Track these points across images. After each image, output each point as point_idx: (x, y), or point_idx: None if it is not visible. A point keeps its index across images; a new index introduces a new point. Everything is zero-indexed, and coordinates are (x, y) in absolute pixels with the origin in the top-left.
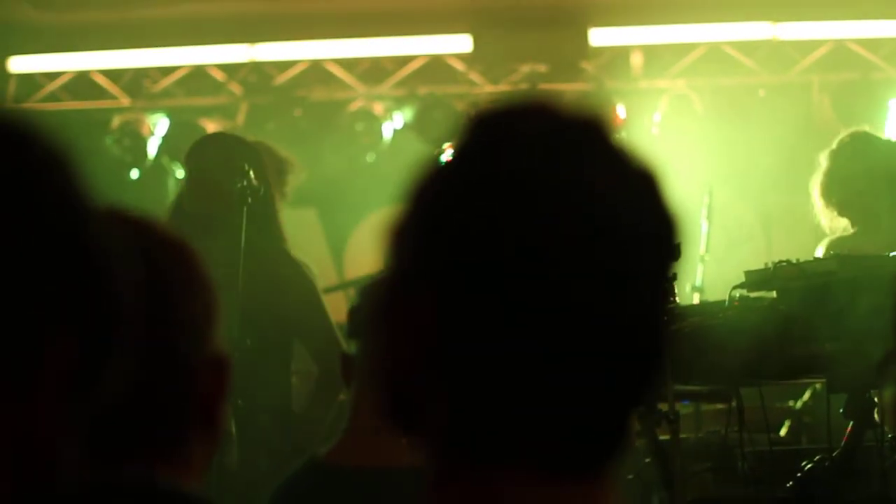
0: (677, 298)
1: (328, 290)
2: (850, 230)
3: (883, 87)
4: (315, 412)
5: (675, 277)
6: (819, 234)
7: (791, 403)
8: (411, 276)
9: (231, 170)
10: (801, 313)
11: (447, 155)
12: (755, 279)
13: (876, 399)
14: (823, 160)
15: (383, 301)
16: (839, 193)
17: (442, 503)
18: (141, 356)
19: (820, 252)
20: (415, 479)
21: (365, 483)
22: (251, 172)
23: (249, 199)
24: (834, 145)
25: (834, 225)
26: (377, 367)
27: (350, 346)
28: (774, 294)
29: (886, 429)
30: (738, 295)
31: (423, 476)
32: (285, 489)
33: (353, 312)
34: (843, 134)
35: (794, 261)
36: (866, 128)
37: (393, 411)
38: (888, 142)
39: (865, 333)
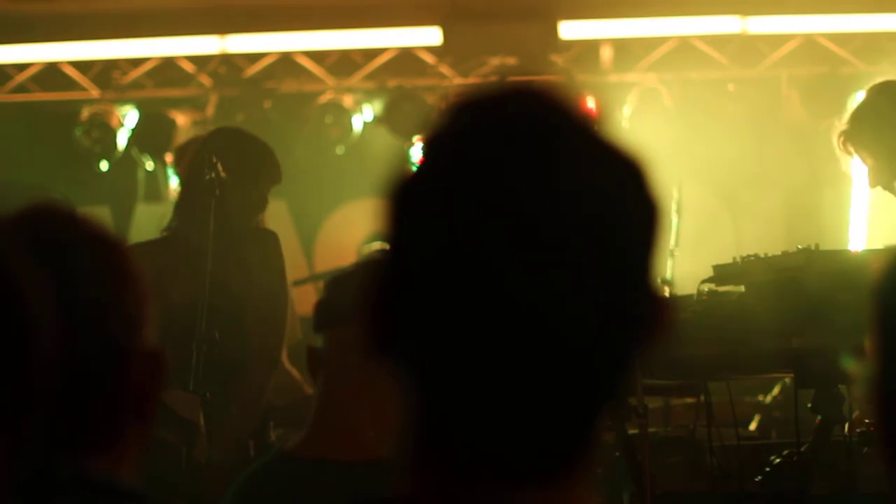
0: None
1: (297, 283)
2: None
3: (852, 81)
4: (245, 389)
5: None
6: (789, 229)
7: (761, 398)
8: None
9: (199, 162)
10: (769, 308)
11: (422, 145)
12: (723, 273)
13: (844, 394)
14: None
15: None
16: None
17: (415, 487)
18: (68, 356)
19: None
20: (381, 473)
21: (331, 476)
22: (219, 164)
23: (217, 192)
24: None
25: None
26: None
27: (317, 340)
28: (743, 288)
29: (854, 423)
30: (706, 289)
31: (395, 461)
32: (250, 480)
33: (320, 305)
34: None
35: (763, 255)
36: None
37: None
38: None
39: (834, 328)
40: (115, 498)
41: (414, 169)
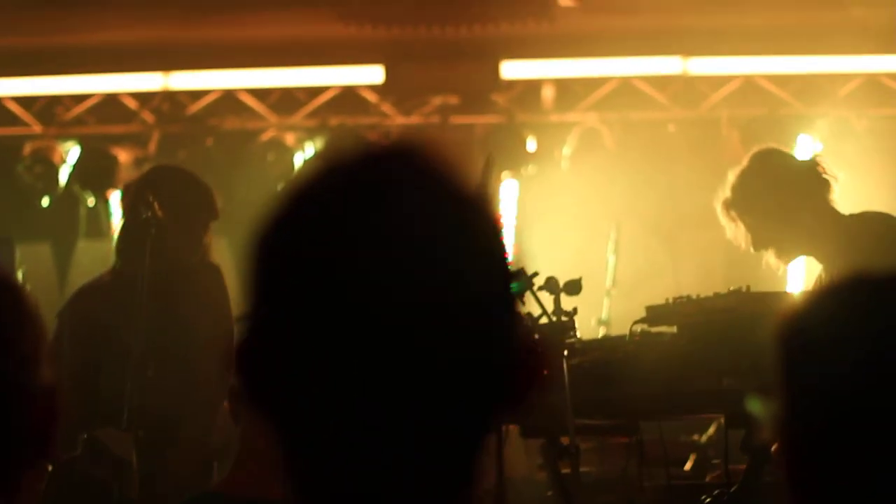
0: (578, 332)
1: (239, 320)
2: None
3: (791, 122)
4: (188, 428)
5: (574, 312)
6: (729, 270)
7: (696, 438)
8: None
9: (136, 201)
10: (700, 349)
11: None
12: (656, 314)
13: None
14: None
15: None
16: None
17: None
18: None
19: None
20: None
21: None
22: (155, 203)
23: (153, 230)
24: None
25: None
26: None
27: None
28: (675, 329)
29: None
30: (639, 329)
31: None
32: None
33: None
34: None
35: (694, 297)
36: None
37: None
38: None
39: (763, 369)
40: None
41: (276, 218)
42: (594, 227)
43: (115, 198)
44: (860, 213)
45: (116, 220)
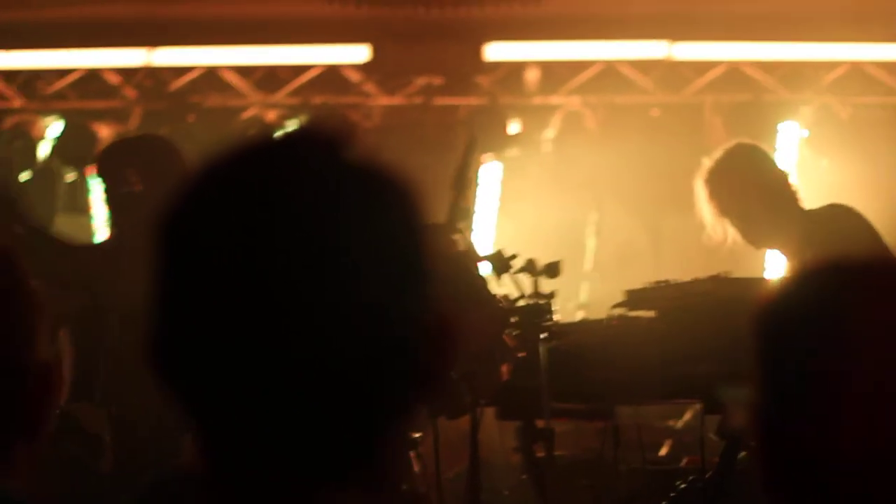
0: (557, 316)
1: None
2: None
3: (775, 109)
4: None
5: (552, 295)
6: (709, 255)
7: (672, 423)
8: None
9: (115, 177)
10: (678, 333)
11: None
12: (635, 298)
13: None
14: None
15: None
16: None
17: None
18: None
19: None
20: None
21: None
22: (134, 175)
23: (133, 202)
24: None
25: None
26: None
27: None
28: (654, 314)
29: None
30: (618, 314)
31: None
32: (147, 493)
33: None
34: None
35: (674, 281)
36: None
37: None
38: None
39: (741, 355)
40: None
41: (181, 200)
42: (575, 211)
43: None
44: (824, 207)
45: (95, 193)
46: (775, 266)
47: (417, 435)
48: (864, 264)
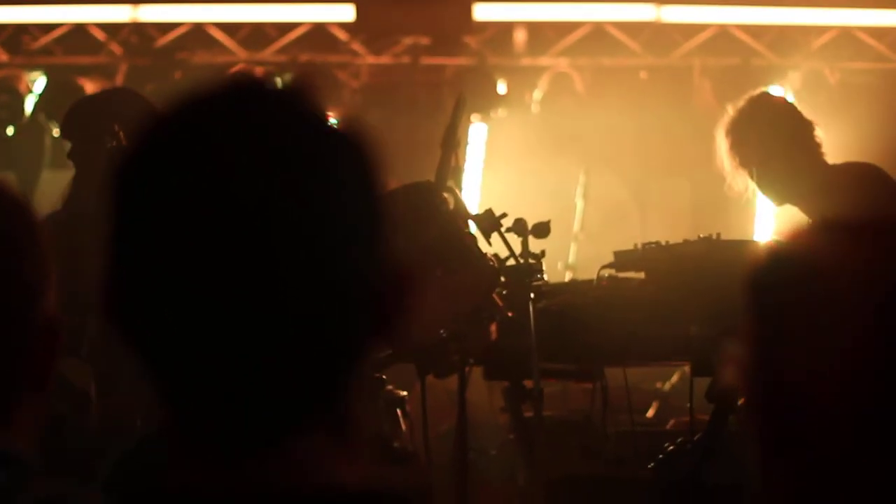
0: (545, 275)
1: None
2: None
3: (764, 73)
4: None
5: (542, 255)
6: (696, 219)
7: (659, 385)
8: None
9: (97, 131)
10: (667, 295)
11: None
12: (624, 260)
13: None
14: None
15: None
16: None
17: (172, 473)
18: None
19: None
20: None
21: None
22: (122, 132)
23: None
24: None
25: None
26: None
27: None
28: (643, 275)
29: None
30: (606, 275)
31: None
32: (131, 453)
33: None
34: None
35: (664, 242)
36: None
37: None
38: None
39: (730, 318)
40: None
41: (135, 149)
42: (563, 172)
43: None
44: (847, 163)
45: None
46: (766, 229)
47: (405, 394)
48: (867, 222)
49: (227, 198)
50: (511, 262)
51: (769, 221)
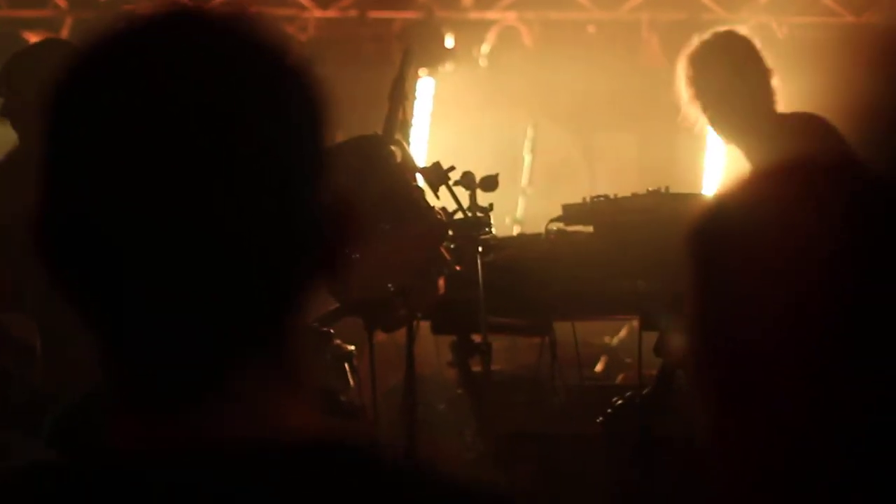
0: (493, 229)
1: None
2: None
3: (712, 27)
4: None
5: (490, 208)
6: (643, 173)
7: (608, 340)
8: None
9: (36, 84)
10: (616, 250)
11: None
12: (573, 213)
13: None
14: None
15: None
16: None
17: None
18: None
19: None
20: None
21: None
22: None
23: None
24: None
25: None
26: None
27: None
28: (591, 229)
29: None
30: (555, 228)
31: None
32: (74, 407)
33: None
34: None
35: (612, 196)
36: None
37: None
38: None
39: (678, 272)
40: None
41: (66, 76)
42: (511, 127)
43: None
44: (796, 112)
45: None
46: (712, 182)
47: (352, 348)
48: (804, 167)
49: (167, 120)
50: (459, 215)
51: (717, 175)
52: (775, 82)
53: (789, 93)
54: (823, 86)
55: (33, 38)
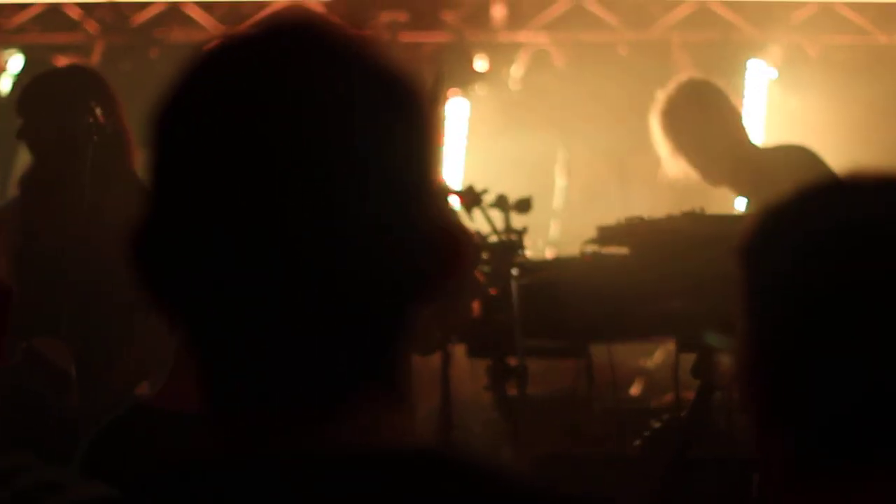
0: (528, 252)
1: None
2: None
3: (743, 48)
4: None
5: (524, 231)
6: (676, 196)
7: (644, 362)
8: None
9: (72, 107)
10: (651, 270)
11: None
12: (607, 235)
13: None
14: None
15: None
16: None
17: (212, 441)
18: None
19: None
20: None
21: (186, 428)
22: (97, 109)
23: (95, 137)
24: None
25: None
26: None
27: None
28: (626, 251)
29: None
30: (590, 250)
31: None
32: (104, 432)
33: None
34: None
35: (647, 217)
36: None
37: None
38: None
39: (715, 293)
40: None
41: (173, 95)
42: (543, 149)
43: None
44: (778, 146)
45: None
46: (744, 202)
47: None
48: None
49: (275, 149)
50: (493, 238)
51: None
52: (746, 118)
53: (823, 112)
54: (857, 105)
55: (64, 62)
